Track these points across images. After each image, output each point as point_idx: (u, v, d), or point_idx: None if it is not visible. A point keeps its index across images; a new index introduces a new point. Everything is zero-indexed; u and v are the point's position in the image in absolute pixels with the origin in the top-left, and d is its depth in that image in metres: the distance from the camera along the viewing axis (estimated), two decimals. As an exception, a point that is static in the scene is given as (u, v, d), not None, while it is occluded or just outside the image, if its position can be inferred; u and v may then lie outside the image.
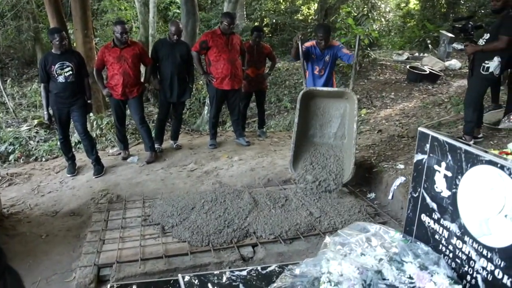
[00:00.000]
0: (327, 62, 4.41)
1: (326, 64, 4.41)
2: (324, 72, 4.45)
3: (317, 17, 13.87)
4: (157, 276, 2.78)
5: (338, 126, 4.14)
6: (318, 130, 4.19)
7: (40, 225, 3.59)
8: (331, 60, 4.40)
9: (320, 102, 4.14)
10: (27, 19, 11.87)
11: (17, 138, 6.85)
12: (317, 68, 4.46)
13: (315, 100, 4.12)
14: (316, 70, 4.47)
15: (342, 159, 3.96)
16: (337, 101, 4.08)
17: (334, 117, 4.15)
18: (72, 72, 4.17)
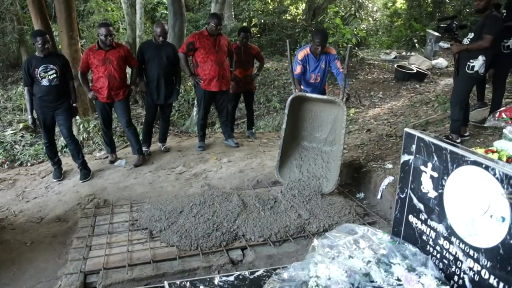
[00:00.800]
0: (322, 69, 4.38)
1: (322, 70, 4.39)
2: (320, 79, 4.43)
3: (305, 17, 13.89)
4: (145, 281, 2.75)
5: (329, 131, 4.06)
6: (308, 133, 4.14)
7: (24, 232, 3.52)
8: (326, 67, 4.37)
9: (312, 105, 4.04)
10: (11, 21, 11.70)
11: (2, 143, 6.73)
12: (313, 76, 4.41)
13: (306, 103, 4.03)
14: (312, 78, 4.42)
15: (328, 168, 3.93)
16: (329, 105, 3.98)
17: (325, 121, 4.06)
18: (56, 75, 4.10)
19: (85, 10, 13.32)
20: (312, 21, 13.20)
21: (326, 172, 3.91)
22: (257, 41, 13.56)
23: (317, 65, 4.35)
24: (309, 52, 4.32)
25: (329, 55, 4.32)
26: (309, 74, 4.40)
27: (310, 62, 4.34)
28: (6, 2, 11.12)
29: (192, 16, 13.78)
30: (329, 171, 3.91)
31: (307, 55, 4.33)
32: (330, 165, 3.93)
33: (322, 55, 4.32)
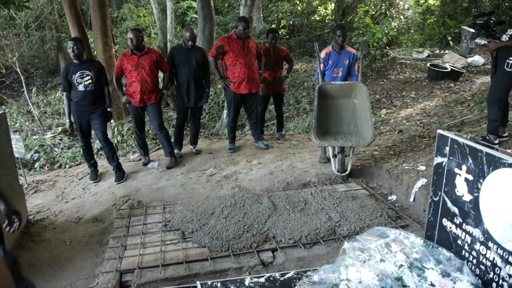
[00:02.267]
0: (345, 65, 4.67)
1: (344, 66, 4.68)
2: (342, 73, 4.70)
3: (334, 17, 13.77)
4: (178, 281, 2.80)
5: (349, 121, 4.42)
6: (333, 126, 4.43)
7: (64, 231, 3.67)
8: (348, 64, 4.68)
9: (331, 102, 4.45)
10: (50, 29, 12.23)
11: (42, 146, 7.04)
12: (335, 70, 4.70)
13: (327, 100, 4.42)
14: (334, 72, 4.70)
15: (361, 131, 4.29)
16: (346, 100, 4.42)
17: (344, 114, 4.46)
18: (92, 81, 4.26)
19: (118, 17, 13.75)
20: (342, 21, 13.07)
21: (360, 133, 4.26)
22: (285, 43, 13.57)
23: (339, 60, 4.67)
24: (331, 50, 4.69)
25: (352, 54, 4.70)
26: (331, 68, 4.70)
27: (332, 58, 4.68)
28: (46, 11, 11.63)
29: (221, 19, 13.95)
30: (362, 132, 4.25)
31: (329, 52, 4.69)
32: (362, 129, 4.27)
33: (344, 51, 4.67)
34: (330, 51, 4.68)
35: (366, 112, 4.24)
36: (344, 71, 4.69)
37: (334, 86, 4.45)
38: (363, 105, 4.31)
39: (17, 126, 8.40)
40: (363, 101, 4.30)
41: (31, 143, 7.08)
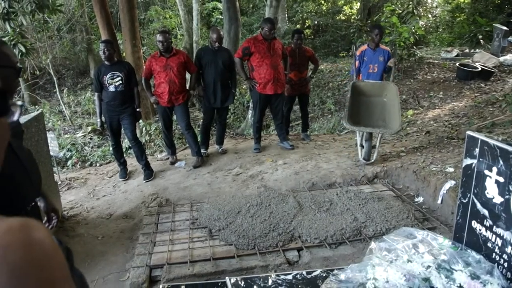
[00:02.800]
0: (380, 62, 4.91)
1: (379, 62, 4.92)
2: (377, 69, 4.95)
3: (359, 17, 13.62)
4: (205, 278, 2.87)
5: (378, 117, 4.67)
6: (362, 120, 4.63)
7: (96, 227, 3.81)
8: (384, 61, 4.91)
9: (363, 99, 4.70)
10: (81, 32, 12.64)
11: (74, 145, 7.29)
12: (371, 66, 4.96)
13: (359, 96, 4.67)
14: (370, 68, 4.97)
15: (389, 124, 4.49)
16: (377, 98, 4.68)
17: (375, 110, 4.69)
18: (122, 82, 4.40)
19: (145, 19, 14.05)
20: (367, 20, 12.93)
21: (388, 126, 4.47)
22: (310, 43, 13.53)
23: (374, 57, 4.92)
24: (366, 48, 4.98)
25: (387, 52, 4.94)
26: (367, 65, 4.96)
27: (368, 55, 4.95)
28: (77, 14, 12.01)
29: (246, 20, 14.04)
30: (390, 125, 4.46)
31: (365, 50, 4.97)
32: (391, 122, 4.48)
33: (379, 49, 4.92)
34: (365, 49, 4.96)
35: (395, 108, 4.46)
36: (380, 68, 4.92)
37: (367, 84, 4.71)
38: (393, 103, 4.54)
39: (50, 125, 8.72)
40: (393, 100, 4.54)
41: (63, 141, 7.34)
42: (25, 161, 1.66)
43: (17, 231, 0.56)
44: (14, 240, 0.55)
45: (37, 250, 0.56)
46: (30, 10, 6.33)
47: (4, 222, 0.57)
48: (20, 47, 6.30)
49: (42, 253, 0.57)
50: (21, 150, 1.68)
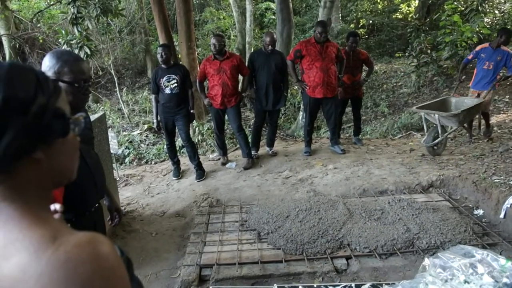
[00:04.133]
0: (497, 61, 5.13)
1: (496, 61, 5.13)
2: (492, 67, 5.17)
3: (417, 15, 13.06)
4: (253, 280, 2.91)
5: None
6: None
7: (150, 223, 3.99)
8: (501, 61, 5.13)
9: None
10: (140, 33, 13.23)
11: (131, 142, 7.65)
12: (487, 63, 5.20)
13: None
14: (485, 65, 5.21)
15: None
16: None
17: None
18: (177, 84, 4.56)
19: (200, 20, 14.41)
20: (426, 19, 12.37)
21: None
22: (364, 43, 13.20)
23: (493, 55, 5.17)
24: (487, 45, 5.29)
25: (506, 53, 5.13)
26: (484, 61, 5.23)
27: (486, 53, 5.24)
28: (137, 17, 12.59)
29: (298, 20, 13.97)
30: None
31: (485, 48, 5.29)
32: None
33: (499, 50, 5.17)
34: (486, 47, 5.28)
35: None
36: (495, 66, 5.15)
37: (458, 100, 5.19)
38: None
39: (110, 123, 9.21)
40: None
41: (121, 139, 7.74)
42: (92, 167, 1.78)
43: (86, 245, 0.62)
44: (83, 254, 0.61)
45: (103, 264, 0.62)
46: (95, 15, 6.73)
47: (74, 236, 0.63)
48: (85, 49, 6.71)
49: (108, 267, 0.62)
50: (90, 156, 1.81)
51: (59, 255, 0.60)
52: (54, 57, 1.60)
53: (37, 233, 0.63)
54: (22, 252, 0.60)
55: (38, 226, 0.64)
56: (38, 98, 0.67)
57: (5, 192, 0.66)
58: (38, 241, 0.61)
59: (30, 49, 11.76)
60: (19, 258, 0.59)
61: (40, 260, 0.59)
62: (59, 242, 0.61)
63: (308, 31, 13.09)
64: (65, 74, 1.59)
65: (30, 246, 0.60)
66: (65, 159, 0.76)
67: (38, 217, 0.67)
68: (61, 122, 0.72)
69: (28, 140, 0.66)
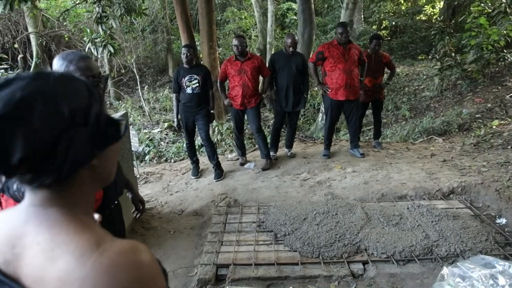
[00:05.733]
0: None
1: None
2: None
3: (442, 17, 12.82)
4: (268, 281, 2.92)
5: None
6: None
7: (169, 221, 4.05)
8: None
9: None
10: (162, 32, 13.41)
11: (152, 140, 7.77)
12: None
13: None
14: None
15: None
16: None
17: None
18: (199, 84, 4.61)
19: (222, 20, 14.49)
20: (451, 21, 12.13)
21: None
22: (387, 45, 13.04)
23: None
24: None
25: None
26: None
27: None
28: (159, 16, 12.76)
29: (320, 21, 13.90)
30: None
31: None
32: None
33: None
34: None
35: None
36: None
37: None
38: None
39: (131, 120, 9.38)
40: None
41: (142, 136, 7.86)
42: None
43: (128, 253, 0.65)
44: (126, 261, 0.63)
45: (144, 272, 0.64)
46: (119, 14, 6.85)
47: (117, 243, 0.66)
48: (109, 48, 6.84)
49: (149, 275, 0.65)
50: None
51: (102, 260, 0.62)
52: (60, 59, 1.65)
53: (83, 238, 0.65)
54: (68, 255, 0.62)
55: (84, 232, 0.67)
56: (93, 107, 0.69)
57: (56, 197, 0.69)
58: (84, 246, 0.64)
59: (56, 47, 12.07)
60: (65, 261, 0.62)
61: (85, 265, 0.61)
62: (103, 248, 0.64)
63: (330, 32, 13.01)
64: (72, 73, 1.63)
65: (76, 250, 0.63)
66: (112, 163, 0.79)
67: (84, 223, 0.69)
68: (114, 128, 0.74)
69: (90, 148, 0.69)
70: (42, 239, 0.65)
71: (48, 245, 0.64)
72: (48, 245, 0.64)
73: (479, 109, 7.03)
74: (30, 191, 0.69)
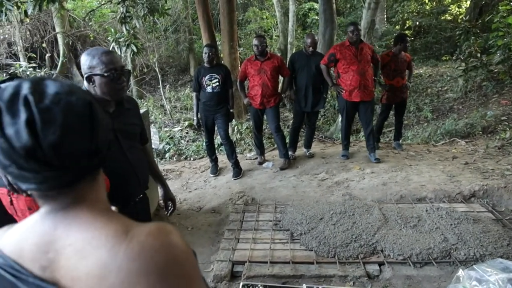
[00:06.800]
0: None
1: None
2: None
3: (468, 17, 12.51)
4: (283, 280, 2.94)
5: None
6: None
7: (187, 218, 4.12)
8: None
9: None
10: (184, 32, 13.57)
11: (172, 138, 7.89)
12: None
13: None
14: None
15: None
16: None
17: None
18: (219, 84, 4.66)
19: (243, 20, 14.54)
20: (477, 20, 11.82)
21: None
22: (410, 45, 12.79)
23: None
24: None
25: None
26: None
27: None
28: (182, 16, 12.92)
29: (342, 21, 13.77)
30: None
31: None
32: None
33: None
34: None
35: None
36: None
37: None
38: None
39: (152, 119, 9.53)
40: None
41: (163, 135, 7.99)
42: (133, 161, 1.89)
43: (157, 234, 0.67)
44: (156, 242, 0.65)
45: (176, 251, 0.66)
46: (143, 14, 6.97)
47: (144, 227, 0.68)
48: (132, 47, 6.98)
49: (181, 253, 0.67)
50: (132, 151, 1.91)
51: (133, 246, 0.64)
52: (85, 55, 1.77)
53: (111, 229, 0.67)
54: (99, 249, 0.65)
55: (110, 223, 0.69)
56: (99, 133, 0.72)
57: (79, 197, 0.72)
58: (113, 236, 0.66)
59: (82, 46, 12.39)
60: (98, 256, 0.64)
61: (117, 255, 0.63)
62: (131, 235, 0.66)
63: (351, 32, 12.86)
64: (95, 67, 1.72)
65: (107, 242, 0.65)
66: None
67: (109, 216, 0.72)
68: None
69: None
70: (73, 240, 0.67)
71: (79, 244, 0.66)
72: (79, 244, 0.66)
73: (505, 111, 6.84)
74: (49, 198, 0.71)
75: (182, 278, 0.66)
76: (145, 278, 0.62)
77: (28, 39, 12.54)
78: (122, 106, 1.90)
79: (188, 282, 0.67)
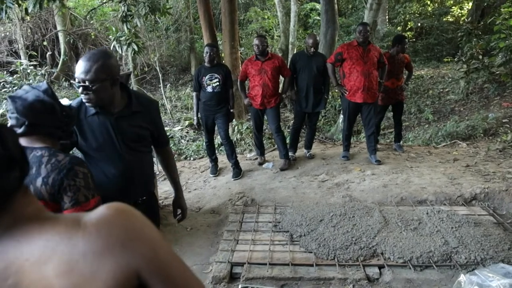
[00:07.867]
0: None
1: None
2: None
3: (470, 19, 12.48)
4: (282, 282, 2.92)
5: None
6: None
7: (186, 218, 4.08)
8: None
9: None
10: (185, 31, 13.54)
11: (172, 138, 7.86)
12: None
13: None
14: None
15: None
16: None
17: None
18: (219, 83, 4.64)
19: (245, 19, 14.52)
20: (480, 22, 11.79)
21: None
22: (411, 46, 12.80)
23: None
24: None
25: None
26: None
27: None
28: (183, 15, 12.90)
29: (343, 21, 13.75)
30: None
31: None
32: None
33: None
34: None
35: None
36: None
37: None
38: None
39: (153, 118, 9.49)
40: None
41: (163, 134, 7.94)
42: (132, 163, 1.88)
43: (108, 211, 0.69)
44: (110, 217, 0.68)
45: (131, 218, 0.70)
46: (144, 13, 6.95)
47: (92, 213, 0.70)
48: (133, 46, 6.96)
49: (136, 219, 0.71)
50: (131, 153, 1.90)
51: (89, 230, 0.65)
52: None
53: (62, 226, 0.67)
54: (58, 248, 0.64)
55: (59, 222, 0.69)
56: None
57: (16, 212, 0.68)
58: (66, 231, 0.66)
59: (83, 44, 12.38)
60: (58, 255, 0.63)
61: (77, 244, 0.64)
62: (83, 222, 0.67)
63: (353, 33, 12.85)
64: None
65: (63, 239, 0.65)
66: None
67: (53, 217, 0.70)
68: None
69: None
70: (28, 254, 0.65)
71: (36, 254, 0.64)
72: (36, 254, 0.64)
73: (507, 114, 6.81)
74: None
75: (145, 240, 0.69)
76: (111, 252, 0.64)
77: (29, 37, 12.54)
78: (128, 108, 1.87)
79: (152, 243, 0.70)
